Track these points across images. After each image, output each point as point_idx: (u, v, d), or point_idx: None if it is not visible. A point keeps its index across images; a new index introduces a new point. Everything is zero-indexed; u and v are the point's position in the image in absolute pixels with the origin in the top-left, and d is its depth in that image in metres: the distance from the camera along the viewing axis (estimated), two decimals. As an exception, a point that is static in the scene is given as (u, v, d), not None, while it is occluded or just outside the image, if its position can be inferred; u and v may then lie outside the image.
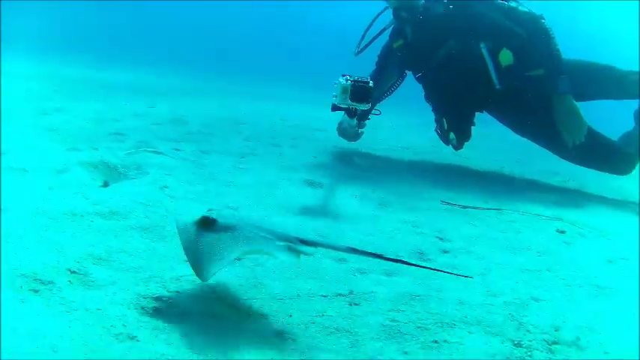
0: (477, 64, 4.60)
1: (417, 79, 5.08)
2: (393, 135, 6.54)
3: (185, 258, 1.96)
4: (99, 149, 4.03)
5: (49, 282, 2.00)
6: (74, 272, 2.09)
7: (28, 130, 4.44)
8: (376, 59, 5.26)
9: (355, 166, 4.81)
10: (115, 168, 3.62)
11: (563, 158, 4.87)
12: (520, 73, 4.57)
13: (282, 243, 2.03)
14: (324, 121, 6.01)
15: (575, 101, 4.49)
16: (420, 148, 5.89)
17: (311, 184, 3.83)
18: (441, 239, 3.01)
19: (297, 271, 2.37)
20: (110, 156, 3.81)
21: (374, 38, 5.11)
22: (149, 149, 4.03)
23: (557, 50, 4.49)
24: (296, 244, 2.05)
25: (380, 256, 2.11)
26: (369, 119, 5.06)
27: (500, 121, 5.09)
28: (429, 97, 5.07)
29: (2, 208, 2.63)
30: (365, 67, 5.11)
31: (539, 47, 4.49)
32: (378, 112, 5.00)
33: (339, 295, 2.22)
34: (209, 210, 2.12)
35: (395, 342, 1.92)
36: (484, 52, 4.55)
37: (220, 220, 2.05)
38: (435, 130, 5.05)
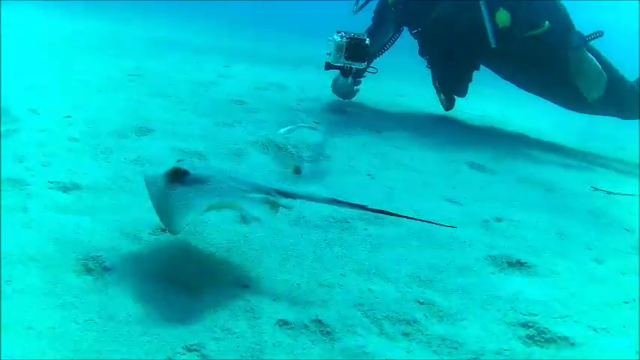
0: (474, 22, 4.47)
1: (413, 34, 4.98)
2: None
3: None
4: (243, 122, 3.80)
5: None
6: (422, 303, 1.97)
7: (145, 98, 4.12)
8: (372, 15, 5.12)
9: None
10: (285, 148, 3.43)
11: (575, 111, 4.87)
12: (519, 33, 4.47)
13: (258, 195, 1.94)
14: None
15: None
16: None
17: (475, 166, 3.75)
18: (627, 230, 3.00)
19: (582, 281, 2.33)
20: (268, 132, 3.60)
21: None
22: (305, 125, 3.82)
23: (562, 5, 4.45)
24: (274, 196, 1.96)
25: (363, 207, 2.02)
26: (364, 77, 4.96)
27: (502, 77, 5.04)
28: (423, 52, 4.99)
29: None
30: (363, 26, 5.02)
31: (542, 3, 4.44)
32: (374, 70, 4.91)
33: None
34: (179, 160, 2.03)
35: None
36: (483, 8, 4.42)
37: (192, 172, 1.93)
38: (433, 83, 5.01)
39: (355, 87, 4.86)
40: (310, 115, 4.38)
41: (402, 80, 6.15)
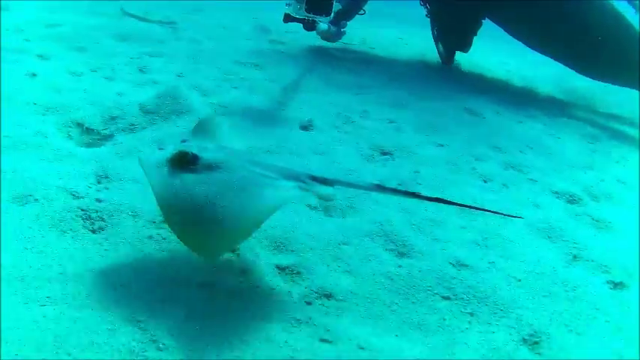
0: None
1: None
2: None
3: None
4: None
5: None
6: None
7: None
8: None
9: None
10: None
11: (587, 76, 4.47)
12: None
13: (290, 183, 1.62)
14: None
15: None
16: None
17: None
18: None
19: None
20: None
21: None
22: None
23: None
24: (309, 184, 1.65)
25: (416, 195, 1.79)
26: (351, 19, 4.74)
27: (509, 32, 4.55)
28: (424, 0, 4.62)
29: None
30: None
31: None
32: (362, 12, 4.70)
33: None
34: (183, 141, 1.65)
35: None
36: None
37: (203, 156, 1.56)
38: (432, 34, 4.74)
39: (342, 29, 4.67)
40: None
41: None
